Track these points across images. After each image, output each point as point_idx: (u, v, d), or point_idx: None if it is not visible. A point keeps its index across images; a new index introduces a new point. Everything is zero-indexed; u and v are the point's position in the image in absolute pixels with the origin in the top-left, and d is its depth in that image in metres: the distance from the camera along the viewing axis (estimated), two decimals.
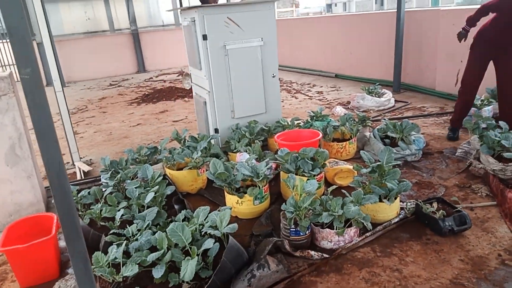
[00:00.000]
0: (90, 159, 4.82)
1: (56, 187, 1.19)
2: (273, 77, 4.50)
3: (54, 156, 1.15)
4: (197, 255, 2.23)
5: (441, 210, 2.74)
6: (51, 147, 1.15)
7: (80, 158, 4.72)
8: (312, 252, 2.52)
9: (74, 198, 3.13)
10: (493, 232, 2.66)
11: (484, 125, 3.89)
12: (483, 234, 2.65)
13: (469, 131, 4.03)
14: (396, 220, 2.82)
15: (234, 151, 4.06)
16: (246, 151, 3.83)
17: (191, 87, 5.05)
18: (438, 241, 2.61)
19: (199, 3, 4.42)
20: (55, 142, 1.15)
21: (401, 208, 2.95)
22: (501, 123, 3.81)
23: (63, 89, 4.48)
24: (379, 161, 2.98)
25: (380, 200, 2.80)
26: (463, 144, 4.14)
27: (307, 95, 7.49)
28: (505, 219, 2.78)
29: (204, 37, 4.05)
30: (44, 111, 1.11)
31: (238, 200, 3.07)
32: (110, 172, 3.46)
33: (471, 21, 4.20)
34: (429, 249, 2.54)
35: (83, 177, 4.23)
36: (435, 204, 2.81)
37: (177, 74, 11.51)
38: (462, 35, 4.28)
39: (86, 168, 4.42)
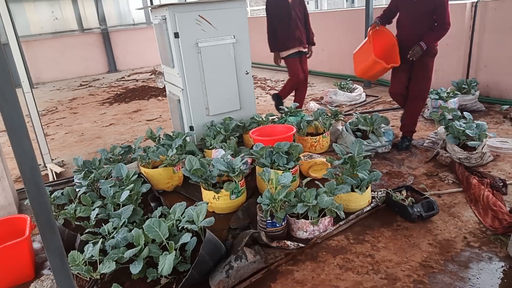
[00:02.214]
0: (62, 161, 4.72)
1: (30, 182, 1.19)
2: (246, 74, 4.54)
3: (27, 151, 1.15)
4: (175, 249, 2.25)
5: (410, 198, 2.86)
6: (23, 142, 1.15)
7: (52, 159, 4.61)
8: (288, 242, 2.58)
9: None
10: (459, 216, 2.80)
11: (450, 116, 4.07)
12: (450, 219, 2.79)
13: (436, 122, 4.21)
14: (368, 208, 2.93)
15: (210, 147, 4.07)
16: (222, 148, 3.86)
17: (165, 86, 5.02)
18: (408, 227, 2.73)
19: (170, 1, 4.40)
20: (26, 137, 1.15)
21: (373, 197, 3.06)
22: (466, 114, 4.00)
23: (32, 90, 4.37)
24: (351, 153, 3.07)
25: (352, 190, 2.89)
26: (430, 135, 4.32)
27: None
28: (470, 204, 2.93)
29: (176, 35, 4.04)
30: (15, 107, 1.11)
31: (214, 195, 3.09)
32: (83, 172, 3.41)
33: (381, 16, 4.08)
34: (400, 235, 2.65)
35: (55, 179, 4.14)
36: (404, 192, 2.93)
37: (149, 73, 11.37)
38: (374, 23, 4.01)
39: (58, 169, 4.33)
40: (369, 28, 3.97)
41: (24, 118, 1.17)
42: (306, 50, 5.25)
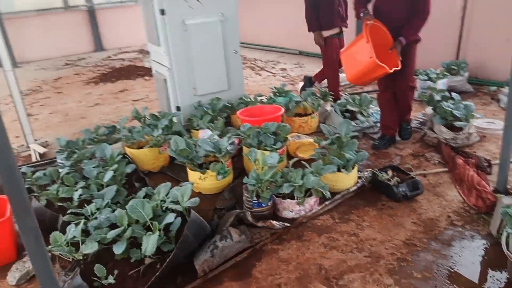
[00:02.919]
0: (46, 141, 4.62)
1: (1, 161, 1.14)
2: (234, 53, 4.44)
3: None
4: (159, 230, 2.22)
5: (396, 178, 2.86)
6: None
7: (35, 140, 4.51)
8: (274, 222, 2.58)
9: (29, 179, 3.01)
10: (443, 196, 2.82)
11: (438, 97, 4.06)
12: (434, 198, 2.81)
13: (424, 103, 4.20)
14: (354, 188, 2.93)
15: (197, 128, 4.01)
16: (209, 128, 3.81)
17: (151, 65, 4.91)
18: (392, 206, 2.74)
19: None
20: None
21: (359, 177, 3.06)
22: (454, 94, 3.99)
23: (13, 69, 4.23)
24: (339, 134, 3.05)
25: (339, 170, 2.88)
26: (418, 115, 4.32)
27: (271, 72, 7.48)
28: (455, 183, 2.95)
29: (162, 12, 3.91)
30: None
31: (201, 176, 3.06)
32: (67, 152, 3.34)
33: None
34: (384, 214, 2.66)
35: (38, 159, 4.06)
36: (390, 172, 2.94)
37: (136, 52, 11.13)
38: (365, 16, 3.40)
39: (42, 150, 4.24)
40: (363, 23, 3.23)
41: None
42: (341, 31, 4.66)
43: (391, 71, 3.13)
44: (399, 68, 3.22)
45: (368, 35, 3.13)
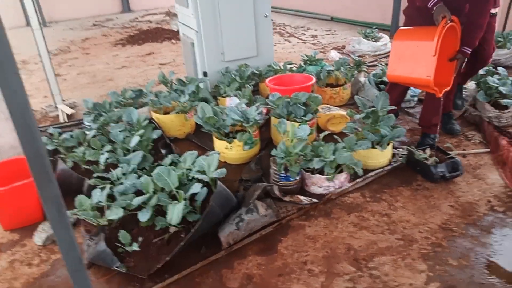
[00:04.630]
0: (74, 102, 4.63)
1: (20, 124, 1.06)
2: (265, 17, 4.22)
3: (15, 90, 1.01)
4: (184, 199, 2.17)
5: (434, 157, 2.69)
6: (10, 79, 1.00)
7: (63, 100, 4.52)
8: (302, 197, 2.49)
9: (56, 140, 3.01)
10: (484, 179, 2.64)
11: (482, 72, 3.76)
12: (474, 180, 2.63)
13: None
14: (389, 167, 2.78)
15: (224, 95, 3.90)
16: (236, 96, 3.68)
17: (179, 28, 4.75)
18: (428, 187, 2.59)
19: None
20: (15, 74, 1.00)
21: (393, 155, 2.90)
22: (500, 69, 3.69)
23: (41, 28, 4.17)
24: (374, 107, 2.87)
25: (373, 146, 2.73)
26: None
27: (301, 39, 7.19)
28: (497, 166, 2.75)
29: None
30: None
31: (227, 146, 2.98)
32: (94, 115, 3.31)
33: None
34: (419, 195, 2.52)
35: (66, 120, 4.07)
36: (428, 151, 2.76)
37: (164, 15, 10.92)
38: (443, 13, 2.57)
39: (69, 111, 4.25)
40: (440, 23, 2.43)
41: (11, 51, 1.02)
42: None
43: (441, 95, 2.60)
44: (449, 88, 2.67)
45: (439, 45, 2.39)
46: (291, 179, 2.56)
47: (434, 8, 2.52)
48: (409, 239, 2.15)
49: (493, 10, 3.15)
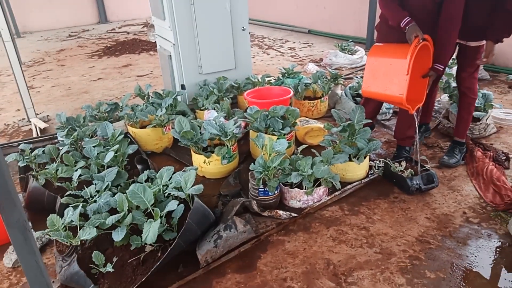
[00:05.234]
0: (47, 115, 4.51)
1: None
2: (243, 30, 4.24)
3: None
4: (161, 217, 2.11)
5: (409, 169, 2.73)
6: None
7: (36, 114, 4.39)
8: (281, 212, 2.47)
9: (28, 157, 2.91)
10: (459, 190, 2.69)
11: (454, 84, 3.87)
12: (449, 192, 2.68)
13: (440, 90, 4.01)
14: (366, 180, 2.80)
15: (202, 108, 3.87)
16: (214, 109, 3.66)
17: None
18: (405, 199, 2.62)
19: None
20: None
21: (370, 167, 2.92)
22: None
23: (13, 40, 4.06)
24: (350, 120, 2.90)
25: (350, 160, 2.75)
26: None
27: (279, 51, 7.26)
28: (471, 177, 2.82)
29: None
30: None
31: (205, 160, 2.94)
32: (67, 129, 3.21)
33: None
34: (396, 207, 2.54)
35: (39, 135, 3.95)
36: (403, 163, 2.80)
37: (141, 26, 10.85)
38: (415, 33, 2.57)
39: (43, 125, 4.12)
40: (413, 41, 2.48)
41: None
42: None
43: (414, 112, 2.65)
44: (421, 105, 2.71)
45: (411, 65, 2.43)
46: (270, 194, 2.54)
47: (407, 27, 2.57)
48: (387, 252, 2.16)
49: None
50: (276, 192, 2.56)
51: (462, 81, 2.92)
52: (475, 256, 2.10)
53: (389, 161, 2.84)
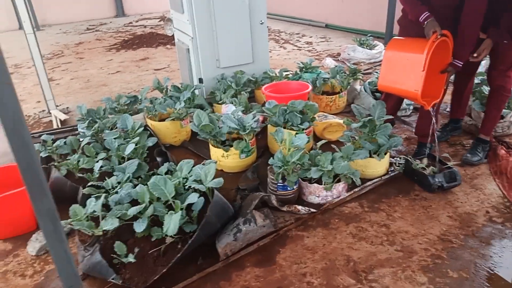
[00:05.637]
0: (67, 107, 4.57)
1: (14, 137, 1.03)
2: (261, 24, 4.22)
3: (8, 101, 0.97)
4: (181, 209, 2.13)
5: (431, 167, 2.68)
6: (3, 89, 0.96)
7: (56, 106, 4.46)
8: (300, 207, 2.46)
9: (50, 148, 2.96)
10: (482, 189, 2.64)
11: (477, 81, 3.78)
12: (471, 191, 2.62)
13: None
14: (387, 177, 2.76)
15: (220, 102, 3.88)
16: (232, 103, 3.66)
17: (174, 34, 4.73)
18: (426, 197, 2.58)
19: None
20: (7, 83, 0.96)
21: (390, 164, 2.89)
22: None
23: (34, 32, 4.12)
24: (370, 116, 2.86)
25: (370, 156, 2.72)
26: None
27: (296, 46, 7.20)
28: (494, 176, 2.76)
29: None
30: None
31: (223, 154, 2.94)
32: (87, 121, 3.25)
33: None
34: (417, 205, 2.51)
35: (59, 126, 4.01)
36: (425, 160, 2.75)
37: (158, 19, 10.90)
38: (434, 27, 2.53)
39: (63, 116, 4.19)
40: (431, 36, 2.43)
41: (3, 60, 0.98)
42: None
43: (429, 108, 2.63)
44: (438, 101, 2.71)
45: (428, 60, 2.39)
46: (289, 189, 2.53)
47: (426, 22, 2.52)
48: (408, 250, 2.13)
49: None
50: (295, 187, 2.55)
51: (494, 79, 2.86)
52: (499, 257, 2.06)
53: (410, 158, 2.79)
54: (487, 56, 2.96)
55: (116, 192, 2.35)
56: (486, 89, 3.49)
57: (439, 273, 1.97)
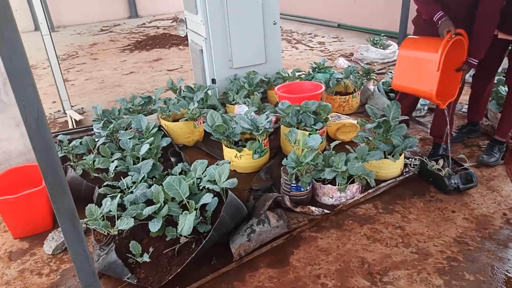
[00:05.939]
0: (82, 108, 4.64)
1: (36, 137, 1.05)
2: (274, 24, 4.22)
3: (32, 102, 1.00)
4: (195, 209, 2.14)
5: (447, 168, 2.65)
6: (27, 90, 0.99)
7: (72, 106, 4.53)
8: (313, 208, 2.45)
9: (66, 148, 3.00)
10: (498, 191, 2.59)
11: (494, 81, 3.71)
12: (488, 192, 2.58)
13: None
14: (401, 178, 2.74)
15: (233, 102, 3.89)
16: (245, 103, 3.67)
17: (186, 35, 4.76)
18: (442, 199, 2.54)
19: None
20: (31, 84, 0.98)
21: (405, 165, 2.86)
22: None
23: (50, 33, 4.19)
24: (385, 116, 2.84)
25: (385, 157, 2.69)
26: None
27: (308, 46, 7.18)
28: (511, 177, 2.71)
29: None
30: (16, 47, 0.94)
31: (237, 154, 2.95)
32: (103, 122, 3.30)
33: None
34: (433, 207, 2.48)
35: (75, 126, 4.07)
36: (441, 161, 2.72)
37: (171, 20, 10.99)
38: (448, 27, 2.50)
39: (78, 116, 4.25)
40: (445, 36, 2.40)
41: (27, 62, 1.00)
42: None
43: (445, 107, 2.60)
44: (453, 100, 2.68)
45: (442, 61, 2.37)
46: (302, 189, 2.53)
47: (440, 22, 2.49)
48: (424, 252, 2.11)
49: None
50: (308, 188, 2.55)
51: None
52: None
53: (425, 159, 2.76)
54: (506, 57, 2.92)
55: (131, 192, 2.37)
56: (503, 89, 3.44)
57: (455, 275, 1.94)
